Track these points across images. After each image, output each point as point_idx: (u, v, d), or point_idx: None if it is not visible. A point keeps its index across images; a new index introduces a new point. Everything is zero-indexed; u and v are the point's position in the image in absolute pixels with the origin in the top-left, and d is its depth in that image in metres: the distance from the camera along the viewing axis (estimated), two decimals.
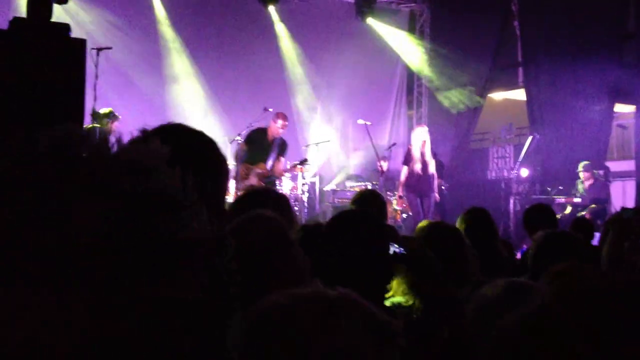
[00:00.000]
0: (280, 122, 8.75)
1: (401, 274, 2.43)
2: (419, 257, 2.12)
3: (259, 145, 8.56)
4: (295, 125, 12.74)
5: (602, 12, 10.46)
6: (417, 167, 9.11)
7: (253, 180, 8.51)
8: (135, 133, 1.21)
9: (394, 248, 2.05)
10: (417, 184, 9.17)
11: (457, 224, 3.90)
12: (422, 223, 2.81)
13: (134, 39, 10.65)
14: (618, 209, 4.48)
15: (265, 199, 2.32)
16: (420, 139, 9.19)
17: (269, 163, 8.67)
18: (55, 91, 5.22)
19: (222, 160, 1.32)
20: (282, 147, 8.81)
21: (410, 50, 12.90)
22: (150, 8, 11.28)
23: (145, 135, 1.21)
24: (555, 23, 10.96)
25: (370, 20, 12.46)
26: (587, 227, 4.90)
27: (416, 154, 9.13)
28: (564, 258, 2.58)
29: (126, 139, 1.22)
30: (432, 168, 9.22)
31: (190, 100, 11.50)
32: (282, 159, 8.84)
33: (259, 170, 8.57)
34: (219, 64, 11.57)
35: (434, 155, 9.52)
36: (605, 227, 4.19)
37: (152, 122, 1.34)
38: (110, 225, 0.60)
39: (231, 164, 8.33)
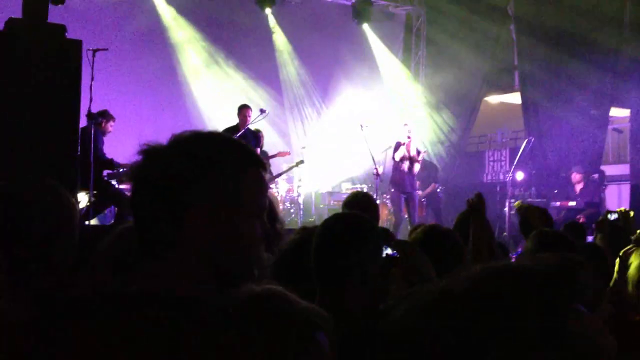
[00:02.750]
0: (243, 112, 8.85)
1: (398, 277, 2.43)
2: (412, 261, 2.12)
3: None
4: (290, 127, 12.76)
5: (597, 17, 10.49)
6: (404, 165, 9.23)
7: None
8: (138, 138, 1.22)
9: (387, 251, 2.05)
10: (402, 181, 9.28)
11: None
12: (418, 227, 2.81)
13: (129, 40, 10.65)
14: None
15: None
16: (405, 137, 9.32)
17: None
18: (51, 92, 5.21)
19: (243, 163, 1.26)
20: (255, 138, 8.91)
21: (397, 77, 12.98)
22: (151, 9, 11.27)
23: (163, 148, 1.23)
24: (550, 27, 10.98)
25: (366, 27, 12.50)
26: (578, 230, 4.90)
27: (404, 151, 9.28)
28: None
29: (122, 139, 1.25)
30: (416, 167, 9.34)
31: (187, 103, 11.50)
32: (257, 150, 8.92)
33: None
34: (216, 66, 11.59)
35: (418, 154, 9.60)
36: (595, 230, 4.23)
37: (147, 125, 1.34)
38: None
39: None
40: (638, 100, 10.19)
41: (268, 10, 11.88)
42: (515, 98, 12.84)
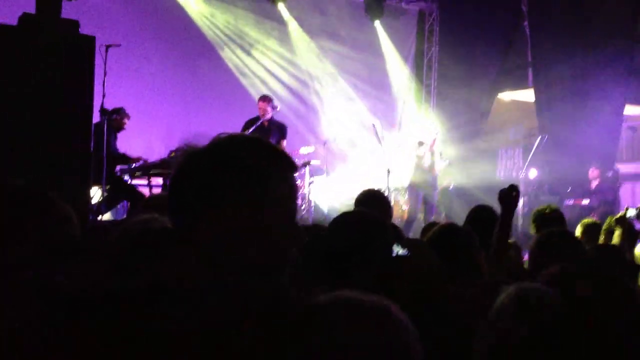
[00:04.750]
0: (262, 104, 8.77)
1: (408, 277, 2.41)
2: (425, 261, 2.10)
3: (256, 133, 8.49)
4: (303, 123, 12.71)
5: (612, 14, 10.39)
6: (424, 163, 9.20)
7: None
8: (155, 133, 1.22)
9: (397, 250, 2.03)
10: (422, 180, 9.25)
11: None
12: (433, 225, 2.78)
13: (143, 36, 10.65)
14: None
15: None
16: (431, 137, 9.30)
17: None
18: (64, 88, 5.22)
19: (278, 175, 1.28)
20: (281, 130, 8.80)
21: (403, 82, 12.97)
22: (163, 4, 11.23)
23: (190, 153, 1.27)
24: (565, 24, 10.89)
25: (377, 25, 12.44)
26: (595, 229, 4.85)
27: (425, 150, 9.25)
28: (562, 257, 2.54)
29: (136, 136, 1.26)
30: (437, 167, 9.30)
31: (201, 97, 11.48)
32: (284, 142, 8.81)
33: None
34: (236, 58, 11.64)
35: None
36: (609, 226, 4.18)
37: (159, 121, 1.34)
38: None
39: None
40: None
41: (281, 5, 11.84)
42: (529, 95, 12.76)
